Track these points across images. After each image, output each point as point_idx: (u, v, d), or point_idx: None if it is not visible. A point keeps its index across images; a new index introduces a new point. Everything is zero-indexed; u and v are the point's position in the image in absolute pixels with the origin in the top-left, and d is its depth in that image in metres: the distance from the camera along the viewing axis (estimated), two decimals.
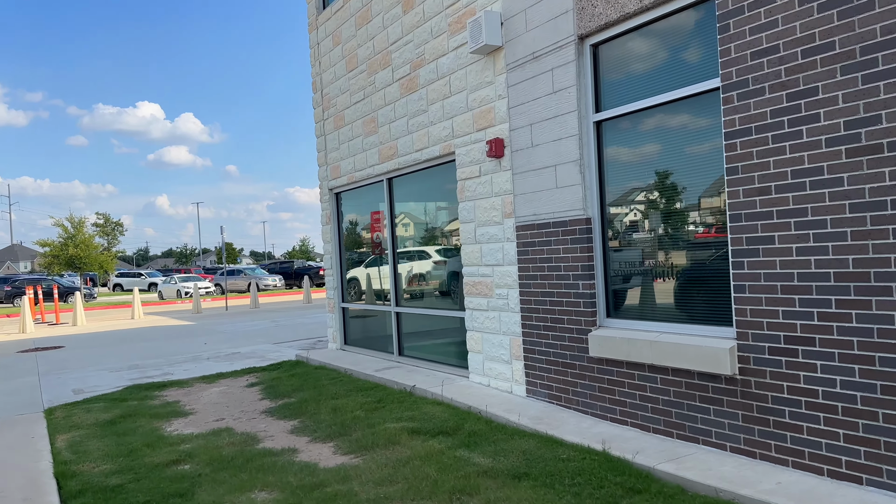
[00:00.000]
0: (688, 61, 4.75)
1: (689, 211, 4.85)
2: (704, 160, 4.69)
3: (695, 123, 4.74)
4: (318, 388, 7.81)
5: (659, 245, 5.09)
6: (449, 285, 8.06)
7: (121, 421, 7.01)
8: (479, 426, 5.61)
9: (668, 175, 4.98)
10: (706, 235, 4.73)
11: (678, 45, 4.82)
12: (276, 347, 12.36)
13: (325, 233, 10.53)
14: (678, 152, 4.88)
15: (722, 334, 4.51)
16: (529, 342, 6.17)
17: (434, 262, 8.18)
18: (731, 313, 4.44)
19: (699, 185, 4.76)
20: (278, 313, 21.07)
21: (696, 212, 4.79)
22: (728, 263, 4.49)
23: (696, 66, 4.68)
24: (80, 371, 10.93)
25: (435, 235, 8.15)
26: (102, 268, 41.17)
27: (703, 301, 4.72)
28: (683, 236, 4.90)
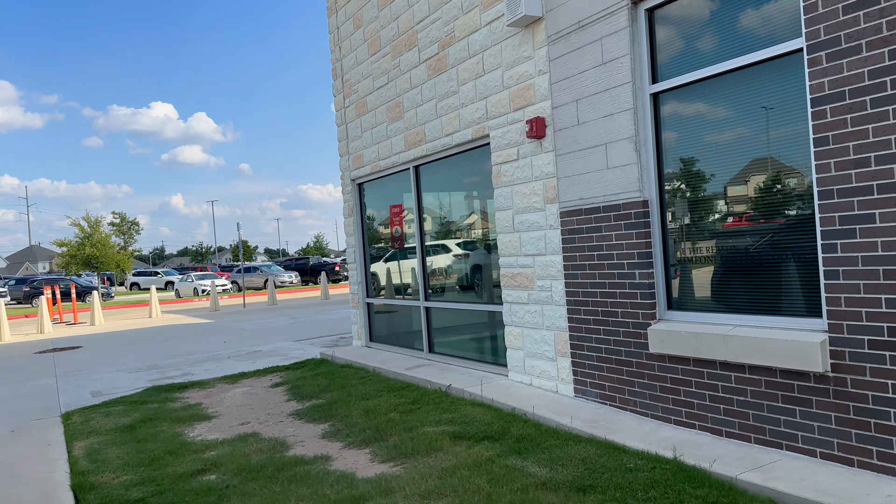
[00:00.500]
0: (762, 21, 4.24)
1: (763, 189, 4.35)
2: (782, 132, 4.18)
3: (770, 91, 4.23)
4: (346, 388, 7.39)
5: (728, 228, 4.59)
6: (473, 278, 7.61)
7: (141, 426, 6.62)
8: (528, 430, 5.15)
9: (737, 150, 4.48)
10: (785, 215, 4.23)
11: (749, 2, 4.31)
12: (297, 345, 11.97)
13: (347, 225, 10.10)
14: (750, 124, 4.37)
15: (809, 326, 4.02)
16: (577, 338, 5.69)
17: (462, 254, 7.72)
18: (821, 303, 3.94)
19: (775, 160, 4.26)
20: (297, 310, 20.72)
21: (772, 189, 4.29)
22: (816, 246, 3.99)
23: (773, 26, 4.18)
24: (98, 372, 10.59)
25: (465, 226, 7.69)
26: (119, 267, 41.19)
27: (785, 290, 4.22)
28: (758, 217, 4.40)
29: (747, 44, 4.32)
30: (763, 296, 4.36)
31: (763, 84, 4.27)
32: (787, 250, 4.19)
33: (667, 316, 4.96)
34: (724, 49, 4.48)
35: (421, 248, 8.30)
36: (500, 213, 6.59)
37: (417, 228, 8.31)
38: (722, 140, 4.57)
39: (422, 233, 8.30)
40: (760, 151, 4.34)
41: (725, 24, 4.48)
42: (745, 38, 4.34)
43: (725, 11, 4.47)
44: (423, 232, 8.30)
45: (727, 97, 4.51)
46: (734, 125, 4.48)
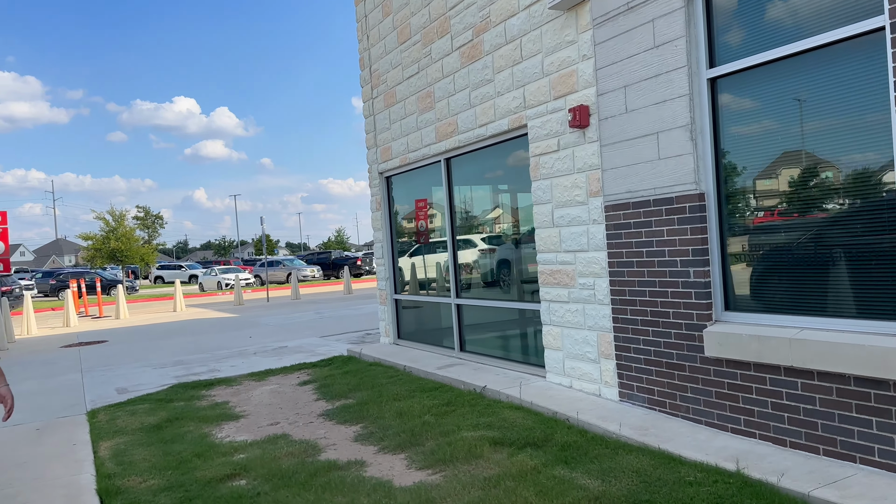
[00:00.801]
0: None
1: (834, 180, 4.02)
2: (857, 119, 3.85)
3: (844, 74, 3.89)
4: (376, 388, 7.15)
5: (794, 223, 4.26)
6: (507, 275, 7.33)
7: (167, 425, 6.44)
8: (572, 437, 4.87)
9: (804, 138, 4.14)
10: (860, 209, 3.89)
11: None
12: (323, 341, 11.78)
13: (374, 220, 9.86)
14: (818, 111, 4.04)
15: (890, 330, 3.69)
16: (623, 339, 5.39)
17: (495, 250, 7.43)
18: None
19: (848, 149, 3.92)
20: (320, 304, 20.58)
21: (846, 180, 3.96)
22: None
23: (848, 3, 3.83)
24: (123, 367, 10.48)
25: (498, 221, 7.40)
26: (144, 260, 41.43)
27: (861, 290, 3.89)
28: (829, 211, 4.07)
29: (818, 24, 3.98)
30: (835, 296, 4.03)
31: (835, 67, 3.93)
32: (865, 247, 3.86)
33: (724, 317, 4.64)
34: (790, 30, 4.14)
35: (452, 243, 8.03)
36: (538, 208, 6.29)
37: (448, 223, 8.04)
38: (785, 128, 4.23)
39: (453, 228, 8.03)
40: (831, 140, 4.00)
41: (791, 2, 4.14)
42: (815, 17, 4.00)
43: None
44: (454, 227, 8.02)
45: (793, 82, 4.17)
46: (800, 112, 4.15)
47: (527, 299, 6.87)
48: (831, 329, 3.96)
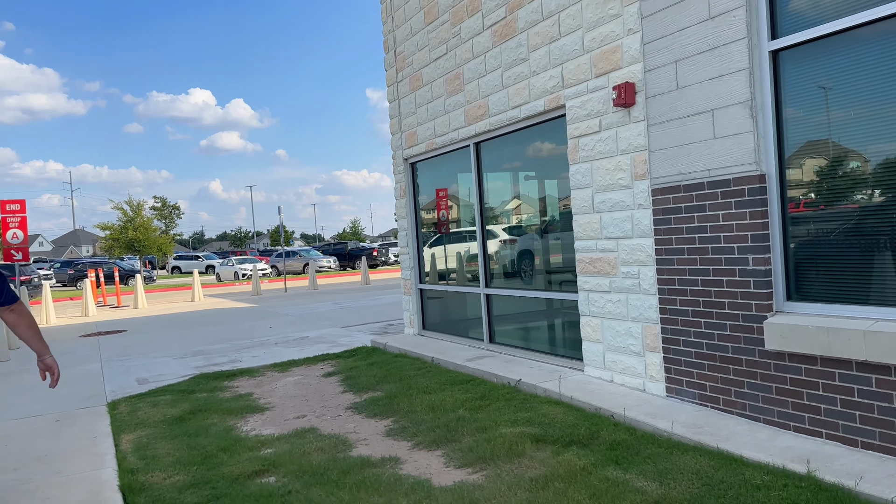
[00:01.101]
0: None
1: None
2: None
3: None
4: (405, 381, 6.90)
5: (867, 207, 3.93)
6: (539, 264, 7.04)
7: (190, 417, 6.23)
8: (620, 435, 4.58)
9: (877, 115, 3.81)
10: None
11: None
12: (344, 332, 11.55)
13: (399, 207, 9.59)
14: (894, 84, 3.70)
15: None
16: (671, 331, 5.09)
17: (528, 237, 7.14)
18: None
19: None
20: (338, 295, 20.39)
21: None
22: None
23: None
24: (143, 357, 10.31)
25: (531, 208, 7.10)
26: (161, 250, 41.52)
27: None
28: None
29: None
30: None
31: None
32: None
33: (786, 307, 4.32)
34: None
35: (481, 231, 7.74)
36: (576, 193, 5.99)
37: (477, 210, 7.75)
38: (855, 104, 3.90)
39: (482, 215, 7.73)
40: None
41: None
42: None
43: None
44: (483, 214, 7.73)
45: (865, 54, 3.84)
46: (875, 86, 3.81)
47: (562, 289, 6.57)
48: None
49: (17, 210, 15.60)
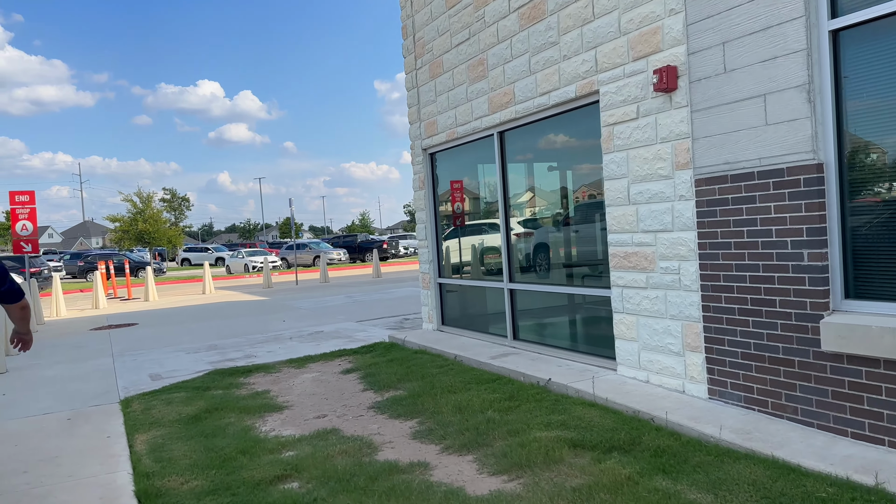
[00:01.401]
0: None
1: None
2: None
3: None
4: (427, 379, 6.65)
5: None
6: (558, 257, 6.77)
7: (206, 417, 6.01)
8: (664, 441, 4.32)
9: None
10: None
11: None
12: (360, 326, 11.31)
13: (417, 199, 9.32)
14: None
15: None
16: (715, 330, 4.81)
17: (554, 230, 6.86)
18: None
19: None
20: (350, 288, 20.17)
21: None
22: None
23: None
24: (155, 352, 10.12)
25: (558, 199, 6.82)
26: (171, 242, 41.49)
27: None
28: None
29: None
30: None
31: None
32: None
33: (844, 306, 4.04)
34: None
35: (505, 223, 7.47)
36: (610, 184, 5.70)
37: (501, 202, 7.47)
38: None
39: (506, 207, 7.46)
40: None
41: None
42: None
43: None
44: (507, 206, 7.45)
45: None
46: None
47: (592, 284, 6.30)
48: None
49: (27, 201, 15.42)
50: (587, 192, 6.34)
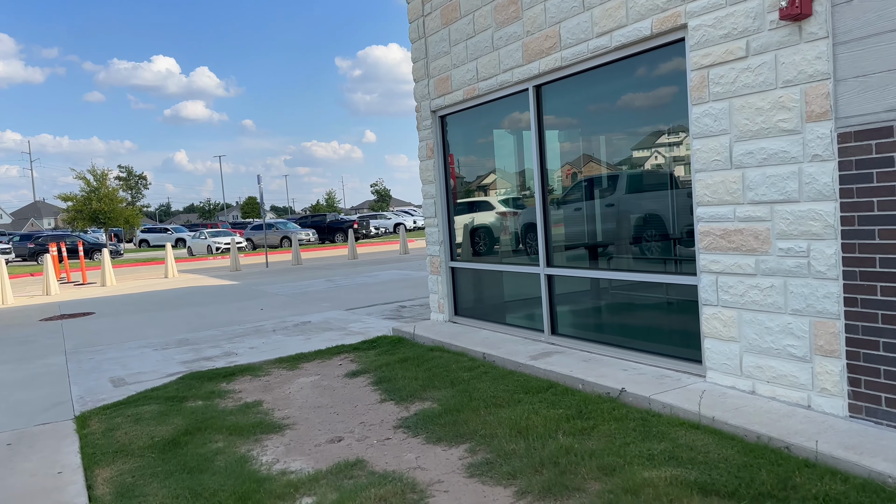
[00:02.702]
0: None
1: None
2: None
3: None
4: (459, 385, 5.45)
5: None
6: (595, 237, 5.64)
7: (187, 441, 4.73)
8: (828, 484, 3.19)
9: None
10: None
11: None
12: (352, 316, 10.04)
13: (423, 170, 8.05)
14: None
15: None
16: (864, 329, 3.70)
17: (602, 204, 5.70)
18: None
19: None
20: (327, 271, 18.80)
21: None
22: None
23: None
24: (116, 348, 8.71)
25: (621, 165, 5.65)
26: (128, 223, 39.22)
27: None
28: None
29: None
30: None
31: None
32: None
33: None
34: None
35: (542, 196, 6.26)
36: (702, 142, 4.54)
37: (537, 171, 6.25)
38: None
39: (543, 177, 6.25)
40: None
41: None
42: None
43: None
44: (544, 176, 6.24)
45: None
46: None
47: (667, 269, 5.15)
48: None
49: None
50: (654, 154, 5.17)
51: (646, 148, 5.27)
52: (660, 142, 5.11)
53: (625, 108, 5.40)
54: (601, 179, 5.77)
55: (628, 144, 5.46)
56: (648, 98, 5.13)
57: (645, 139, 5.26)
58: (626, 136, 5.46)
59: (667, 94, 4.91)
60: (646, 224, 5.33)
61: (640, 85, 5.19)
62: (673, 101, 4.85)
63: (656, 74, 5.00)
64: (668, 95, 4.90)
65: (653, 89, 5.06)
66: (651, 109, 5.10)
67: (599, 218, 5.78)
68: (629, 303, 5.63)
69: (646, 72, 5.09)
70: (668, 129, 4.99)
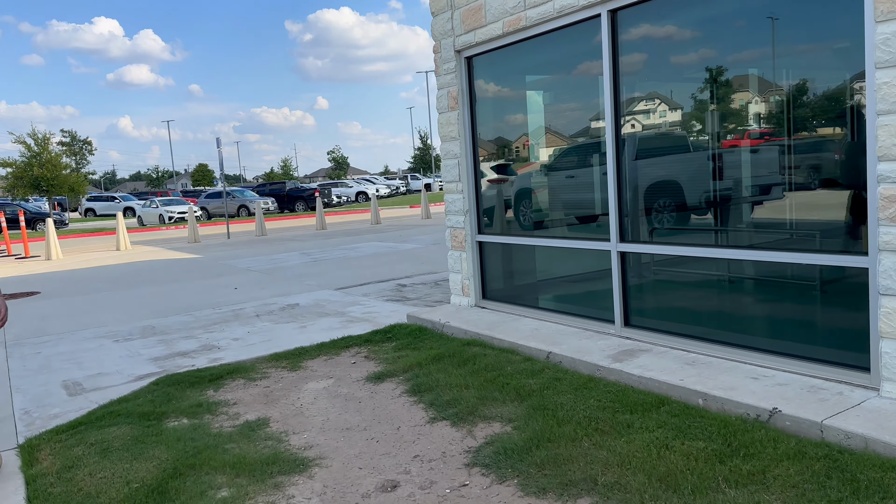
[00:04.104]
0: None
1: None
2: None
3: None
4: (529, 397, 4.22)
5: None
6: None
7: (178, 488, 3.40)
8: None
9: None
10: None
11: None
12: (345, 297, 8.69)
13: (444, 124, 6.70)
14: None
15: None
16: None
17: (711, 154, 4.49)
18: None
19: None
20: (297, 243, 17.28)
21: None
22: None
23: None
24: (69, 339, 7.21)
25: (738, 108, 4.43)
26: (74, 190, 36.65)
27: None
28: None
29: None
30: None
31: None
32: None
33: None
34: None
35: (615, 151, 5.00)
36: (889, 74, 3.33)
37: (611, 116, 4.97)
38: None
39: (617, 126, 4.98)
40: None
41: None
42: None
43: None
44: (618, 124, 4.98)
45: None
46: None
47: (815, 247, 3.97)
48: None
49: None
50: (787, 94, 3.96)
51: (770, 87, 4.05)
52: (797, 76, 3.89)
53: (745, 33, 4.15)
54: (708, 127, 4.54)
55: (750, 82, 4.22)
56: (785, 17, 3.89)
57: (773, 70, 4.04)
58: (740, 69, 4.22)
59: (826, 11, 3.68)
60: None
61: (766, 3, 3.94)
62: (836, 18, 3.62)
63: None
64: (827, 13, 3.67)
65: (805, 4, 3.82)
66: (802, 29, 3.87)
67: (705, 175, 4.56)
68: (744, 287, 4.45)
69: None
70: (811, 61, 3.78)
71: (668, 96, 4.79)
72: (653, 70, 4.79)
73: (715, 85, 4.40)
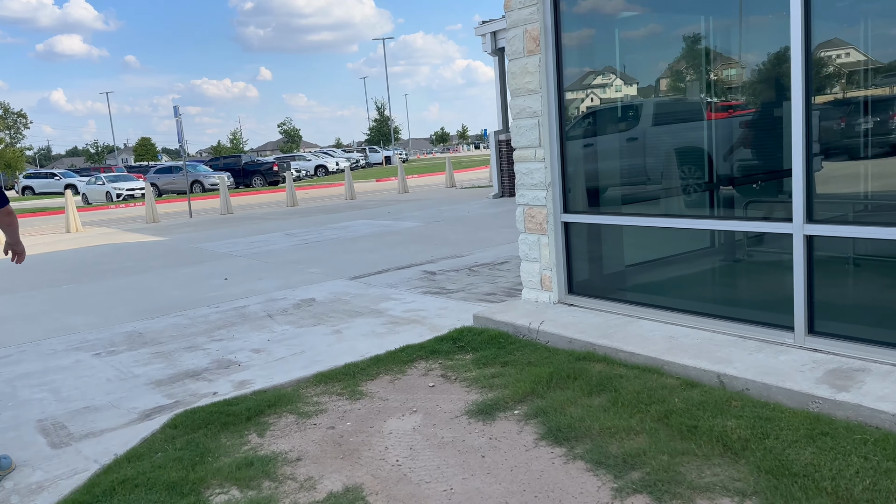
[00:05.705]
0: None
1: None
2: None
3: None
4: (750, 453, 2.95)
5: None
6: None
7: None
8: None
9: None
10: None
11: None
12: (368, 288, 7.26)
13: (517, 74, 5.29)
14: None
15: None
16: None
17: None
18: None
19: None
20: (275, 222, 15.62)
21: None
22: None
23: None
24: (33, 353, 5.62)
25: None
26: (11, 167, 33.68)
27: None
28: None
29: None
30: None
31: None
32: None
33: None
34: None
35: (804, 99, 3.71)
36: None
37: (801, 58, 3.68)
38: None
39: (807, 71, 3.69)
40: None
41: None
42: None
43: None
44: (808, 52, 3.69)
45: None
46: None
47: None
48: None
49: None
50: None
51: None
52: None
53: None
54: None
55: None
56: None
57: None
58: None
59: None
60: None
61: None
62: None
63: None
64: None
65: None
66: None
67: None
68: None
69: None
70: None
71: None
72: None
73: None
